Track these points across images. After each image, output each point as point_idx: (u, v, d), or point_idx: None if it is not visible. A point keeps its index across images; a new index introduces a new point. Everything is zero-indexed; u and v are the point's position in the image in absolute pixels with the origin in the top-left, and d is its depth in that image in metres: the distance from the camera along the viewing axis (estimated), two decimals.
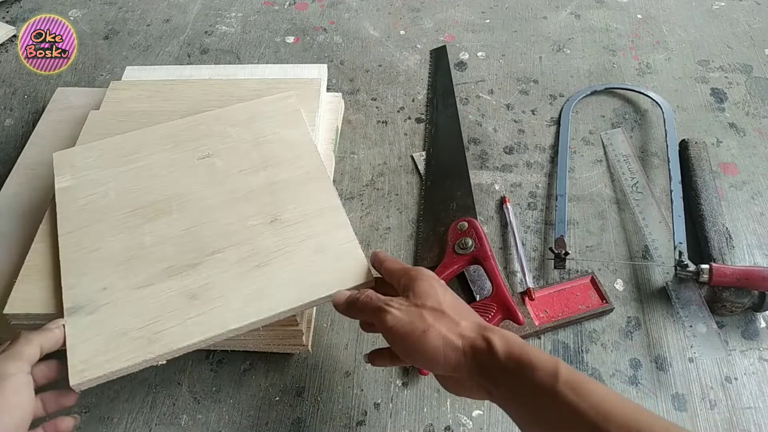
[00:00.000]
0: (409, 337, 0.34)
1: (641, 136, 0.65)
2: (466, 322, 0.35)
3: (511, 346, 0.33)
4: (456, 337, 0.34)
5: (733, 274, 0.48)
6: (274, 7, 0.83)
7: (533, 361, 0.31)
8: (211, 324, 0.39)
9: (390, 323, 0.35)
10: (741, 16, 0.80)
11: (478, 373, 0.33)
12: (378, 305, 0.36)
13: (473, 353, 0.33)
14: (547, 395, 0.30)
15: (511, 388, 0.32)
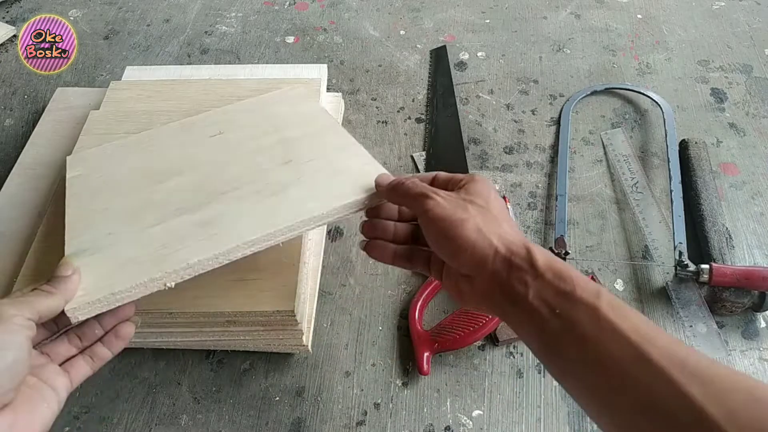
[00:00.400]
0: (444, 221, 0.33)
1: (641, 136, 0.65)
2: (508, 227, 0.33)
3: (551, 258, 0.31)
4: (494, 235, 0.32)
5: (733, 274, 0.48)
6: (274, 7, 0.83)
7: (574, 277, 0.29)
8: (225, 239, 0.36)
9: (429, 206, 0.34)
10: (741, 16, 0.80)
11: (506, 276, 0.31)
12: (423, 191, 0.35)
13: (507, 255, 0.31)
14: (586, 310, 0.28)
15: (543, 297, 0.29)
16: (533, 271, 0.30)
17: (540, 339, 0.30)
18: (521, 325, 0.31)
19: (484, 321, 0.47)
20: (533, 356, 0.49)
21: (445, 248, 0.34)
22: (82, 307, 0.33)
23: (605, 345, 0.27)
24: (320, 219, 0.38)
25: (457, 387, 0.47)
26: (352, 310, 0.52)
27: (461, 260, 0.33)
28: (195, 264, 0.35)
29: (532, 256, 0.31)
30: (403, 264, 0.39)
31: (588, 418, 0.45)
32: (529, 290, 0.30)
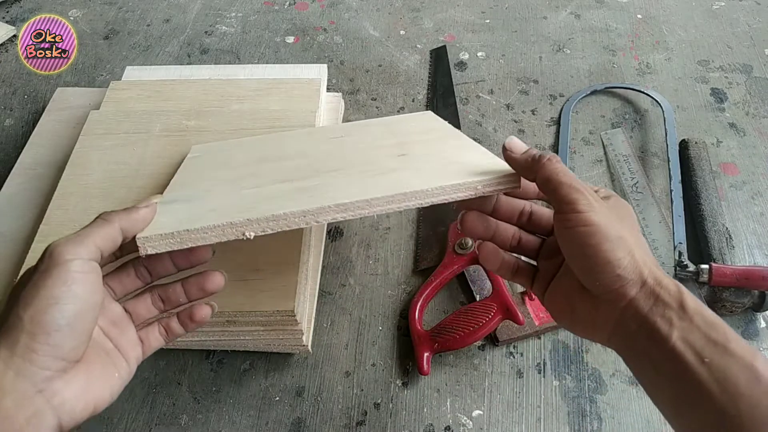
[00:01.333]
0: (599, 230, 0.29)
1: (641, 136, 0.65)
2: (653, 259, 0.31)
3: (701, 303, 0.28)
4: (644, 263, 0.29)
5: (733, 274, 0.48)
6: (274, 7, 0.83)
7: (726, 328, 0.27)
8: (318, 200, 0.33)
9: (584, 207, 0.29)
10: (741, 16, 0.80)
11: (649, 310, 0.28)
12: (576, 184, 0.30)
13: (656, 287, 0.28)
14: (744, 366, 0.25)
15: (690, 341, 0.27)
16: (682, 312, 0.28)
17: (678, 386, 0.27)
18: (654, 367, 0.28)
19: (484, 321, 0.47)
20: (533, 356, 0.49)
21: (587, 262, 0.30)
22: (153, 239, 0.31)
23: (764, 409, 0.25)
24: (422, 195, 0.33)
25: (457, 387, 0.47)
26: (352, 310, 0.52)
27: (601, 280, 0.29)
28: (280, 216, 0.32)
29: (683, 296, 0.28)
30: (506, 274, 0.36)
31: (588, 418, 0.45)
32: (673, 330, 0.27)
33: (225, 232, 0.32)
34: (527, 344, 0.49)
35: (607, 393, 0.47)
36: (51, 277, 0.27)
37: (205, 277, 0.35)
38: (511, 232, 0.36)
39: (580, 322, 0.32)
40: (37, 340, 0.26)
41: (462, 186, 0.33)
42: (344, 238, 0.57)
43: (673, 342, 0.27)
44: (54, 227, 0.47)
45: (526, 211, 0.37)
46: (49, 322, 0.26)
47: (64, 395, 0.27)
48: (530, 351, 0.49)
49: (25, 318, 0.26)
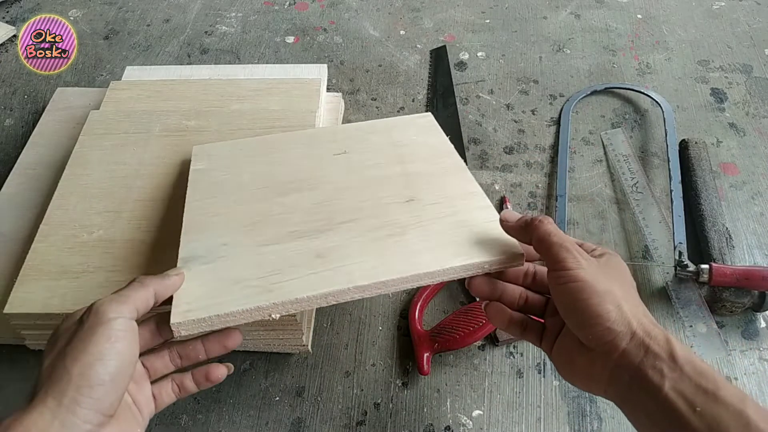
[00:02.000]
0: (587, 287, 0.31)
1: (641, 136, 0.65)
2: (644, 311, 0.32)
3: (691, 352, 0.29)
4: (633, 316, 0.30)
5: (733, 274, 0.48)
6: (274, 7, 0.83)
7: (716, 376, 0.28)
8: (337, 279, 0.35)
9: (572, 265, 0.32)
10: (741, 16, 0.80)
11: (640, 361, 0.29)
12: (566, 244, 0.33)
13: (645, 339, 0.30)
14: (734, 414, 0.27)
15: (681, 391, 0.28)
16: (672, 362, 0.29)
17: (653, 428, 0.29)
18: (648, 417, 0.29)
19: (484, 321, 0.47)
20: (533, 356, 0.49)
21: (579, 316, 0.31)
22: (186, 324, 0.33)
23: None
24: (436, 275, 0.36)
25: (457, 387, 0.47)
26: (352, 310, 0.52)
27: (593, 333, 0.31)
28: (303, 300, 0.34)
29: (672, 346, 0.29)
30: (514, 331, 0.37)
31: (588, 418, 0.45)
32: (665, 381, 0.28)
33: (253, 315, 0.34)
34: (527, 344, 0.49)
35: None
36: (96, 334, 0.29)
37: (227, 335, 0.36)
38: (518, 293, 0.38)
39: (579, 375, 0.33)
40: (82, 393, 0.27)
41: (472, 266, 0.36)
42: None
43: (666, 392, 0.28)
44: (54, 227, 0.47)
45: (530, 272, 0.39)
46: (95, 376, 0.28)
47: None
48: (530, 351, 0.49)
49: (74, 372, 0.28)
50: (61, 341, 0.30)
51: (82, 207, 0.48)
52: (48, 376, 0.28)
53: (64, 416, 0.27)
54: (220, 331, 0.36)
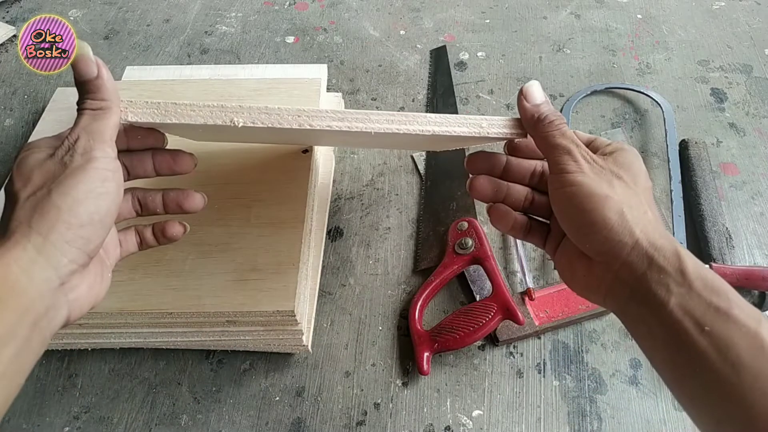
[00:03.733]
0: (583, 191, 0.29)
1: (641, 136, 0.65)
2: (653, 216, 0.29)
3: (702, 266, 0.27)
4: (637, 223, 0.28)
5: (733, 274, 0.48)
6: (274, 7, 0.83)
7: (729, 293, 0.25)
8: None
9: (571, 168, 0.29)
10: (741, 16, 0.80)
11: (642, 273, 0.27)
12: (568, 145, 0.30)
13: (650, 250, 0.27)
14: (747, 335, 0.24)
15: (688, 308, 0.25)
16: (680, 277, 0.26)
17: (675, 356, 0.26)
18: (650, 333, 0.27)
19: (484, 321, 0.47)
20: (533, 356, 0.49)
21: (575, 222, 0.29)
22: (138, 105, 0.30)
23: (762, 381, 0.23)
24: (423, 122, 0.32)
25: (457, 387, 0.47)
26: (352, 310, 0.52)
27: (590, 240, 0.29)
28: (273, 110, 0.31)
29: (681, 258, 0.26)
30: (518, 234, 0.35)
31: (588, 418, 0.45)
32: (671, 297, 0.26)
33: (213, 114, 0.30)
34: (527, 344, 0.49)
35: (607, 393, 0.47)
36: (86, 172, 0.27)
37: (186, 194, 0.35)
38: (524, 193, 0.35)
39: (578, 283, 0.31)
40: (72, 230, 0.26)
41: (466, 121, 0.32)
42: (344, 238, 0.57)
43: (670, 309, 0.26)
44: None
45: (537, 171, 0.36)
46: (85, 214, 0.26)
47: (79, 291, 0.28)
48: (530, 351, 0.49)
49: (63, 207, 0.26)
50: (37, 177, 0.27)
51: None
52: (31, 209, 0.26)
53: (50, 252, 0.25)
54: (181, 191, 0.35)
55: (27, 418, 0.46)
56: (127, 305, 0.40)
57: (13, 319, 0.24)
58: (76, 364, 0.48)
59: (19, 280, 0.25)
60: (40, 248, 0.25)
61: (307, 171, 0.50)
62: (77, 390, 0.47)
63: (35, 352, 0.26)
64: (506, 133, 0.33)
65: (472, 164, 0.37)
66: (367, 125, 0.32)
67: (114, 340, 0.47)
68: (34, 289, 0.25)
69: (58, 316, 0.27)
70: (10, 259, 0.25)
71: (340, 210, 0.59)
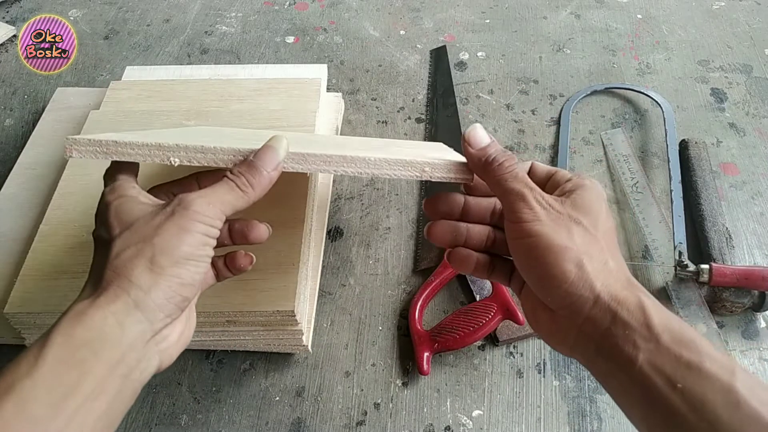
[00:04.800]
0: (539, 241, 0.27)
1: (641, 136, 0.65)
2: (615, 264, 0.28)
3: (669, 316, 0.25)
4: (597, 276, 0.26)
5: (733, 274, 0.48)
6: (274, 7, 0.83)
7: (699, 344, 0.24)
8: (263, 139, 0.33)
9: (526, 216, 0.28)
10: (741, 16, 0.80)
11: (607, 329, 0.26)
12: (521, 189, 0.29)
13: (612, 305, 0.26)
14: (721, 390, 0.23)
15: (657, 365, 0.24)
16: (646, 332, 0.25)
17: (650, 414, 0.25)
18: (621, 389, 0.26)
19: (484, 321, 0.47)
20: (533, 356, 0.49)
21: (533, 273, 0.28)
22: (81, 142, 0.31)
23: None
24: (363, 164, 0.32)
25: (457, 387, 0.47)
26: (352, 310, 0.52)
27: (551, 294, 0.28)
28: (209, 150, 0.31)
29: (646, 311, 0.25)
30: (482, 274, 0.34)
31: (588, 418, 0.45)
32: (639, 353, 0.24)
33: (152, 153, 0.31)
34: (527, 344, 0.49)
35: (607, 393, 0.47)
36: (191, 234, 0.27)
37: (251, 225, 0.34)
38: (485, 233, 0.34)
39: (543, 331, 0.30)
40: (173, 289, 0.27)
41: (408, 164, 0.32)
42: (344, 238, 0.57)
43: (639, 365, 0.25)
44: (54, 227, 0.47)
45: (497, 209, 0.35)
46: (188, 277, 0.27)
47: (170, 339, 0.29)
48: (530, 351, 0.49)
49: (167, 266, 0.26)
50: (140, 227, 0.28)
51: (82, 207, 0.48)
52: (131, 262, 0.26)
53: (148, 308, 0.26)
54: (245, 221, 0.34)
55: None
56: None
57: (104, 372, 0.25)
58: None
59: (113, 332, 0.25)
60: (139, 303, 0.26)
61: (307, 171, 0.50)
62: None
63: (126, 403, 0.27)
64: (452, 178, 0.33)
65: (429, 207, 0.36)
66: (303, 166, 0.32)
67: None
68: (127, 342, 0.26)
69: (149, 367, 0.27)
70: (107, 311, 0.25)
71: (340, 210, 0.59)
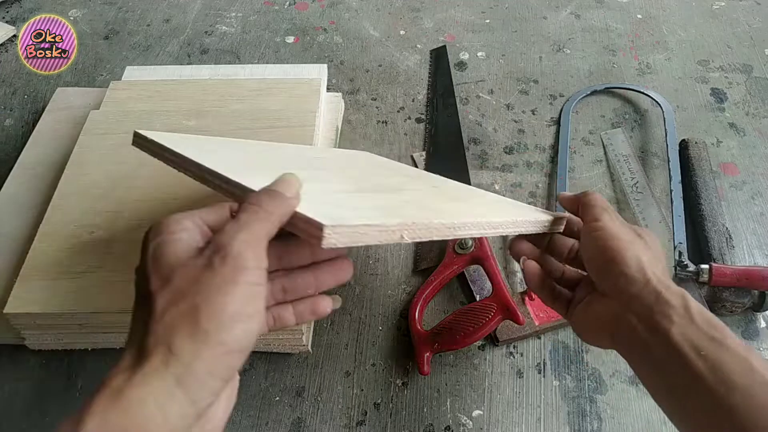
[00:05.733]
0: (612, 235, 0.34)
1: (641, 136, 0.65)
2: (664, 269, 0.34)
3: (704, 308, 0.30)
4: (650, 269, 0.32)
5: (733, 274, 0.48)
6: (274, 7, 0.83)
7: (726, 329, 0.29)
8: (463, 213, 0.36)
9: (605, 218, 0.35)
10: (741, 16, 0.80)
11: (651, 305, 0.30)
12: (606, 205, 0.37)
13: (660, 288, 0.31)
14: (738, 359, 0.27)
15: (688, 336, 0.28)
16: (684, 311, 0.29)
17: (675, 377, 0.29)
18: (653, 359, 0.30)
19: (484, 321, 0.47)
20: (533, 356, 0.49)
21: (599, 258, 0.34)
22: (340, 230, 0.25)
23: (758, 398, 0.26)
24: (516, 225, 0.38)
25: (457, 387, 0.47)
26: (352, 310, 0.52)
27: (609, 275, 0.33)
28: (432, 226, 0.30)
29: (686, 299, 0.30)
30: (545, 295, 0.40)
31: (588, 418, 0.45)
32: (673, 325, 0.29)
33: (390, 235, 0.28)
34: (527, 344, 0.49)
35: (607, 393, 0.47)
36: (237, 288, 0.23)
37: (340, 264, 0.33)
38: (558, 266, 0.41)
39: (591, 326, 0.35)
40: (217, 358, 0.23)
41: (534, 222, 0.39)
42: None
43: (672, 335, 0.29)
44: (54, 227, 0.47)
45: (574, 248, 0.41)
46: (234, 342, 0.23)
47: (215, 418, 0.25)
48: (530, 351, 0.49)
49: (211, 331, 0.22)
50: (179, 279, 0.24)
51: (82, 207, 0.48)
52: (171, 326, 0.23)
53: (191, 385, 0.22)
54: (332, 261, 0.32)
55: (27, 418, 0.45)
56: (128, 305, 0.39)
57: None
58: (76, 364, 0.48)
59: (153, 418, 0.21)
60: (181, 379, 0.22)
61: None
62: (77, 390, 0.47)
63: None
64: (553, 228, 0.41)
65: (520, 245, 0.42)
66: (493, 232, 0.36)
67: (114, 340, 0.47)
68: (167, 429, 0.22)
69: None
70: (146, 392, 0.21)
71: None
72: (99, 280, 0.43)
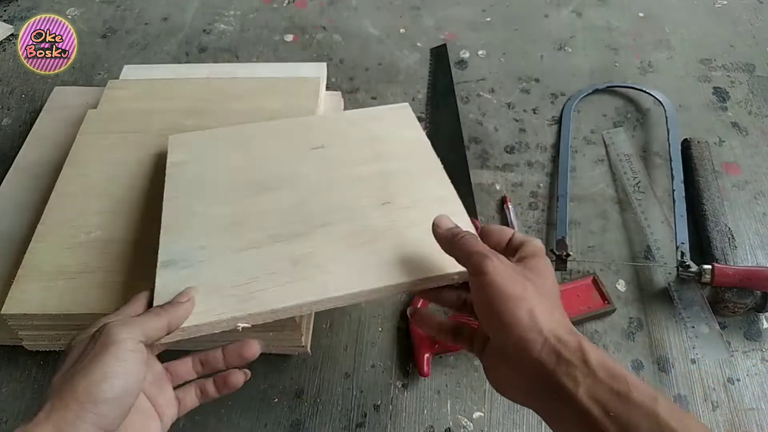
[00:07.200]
0: (499, 291, 0.32)
1: (643, 136, 0.65)
2: (560, 315, 0.33)
3: (603, 355, 0.30)
4: (545, 322, 0.31)
5: (736, 274, 0.48)
6: (273, 6, 0.83)
7: (628, 377, 0.29)
8: (312, 289, 0.37)
9: (488, 269, 0.32)
10: (743, 14, 0.79)
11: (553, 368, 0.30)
12: (483, 250, 0.34)
13: (557, 346, 0.30)
14: (645, 415, 0.27)
15: (595, 396, 0.28)
16: (585, 368, 0.29)
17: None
18: (566, 425, 0.30)
19: None
20: None
21: (492, 320, 0.32)
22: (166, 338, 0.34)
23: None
24: (404, 287, 0.38)
25: (458, 388, 0.47)
26: (352, 311, 0.51)
27: (506, 338, 0.32)
28: (279, 310, 0.36)
29: (584, 350, 0.30)
30: (446, 337, 0.39)
31: None
32: (579, 387, 0.29)
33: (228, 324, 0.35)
34: None
35: None
36: (105, 353, 0.30)
37: (244, 345, 0.37)
38: (456, 294, 0.39)
39: (503, 384, 0.34)
40: (85, 408, 0.28)
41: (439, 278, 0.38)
42: None
43: (579, 398, 0.29)
44: (51, 227, 0.47)
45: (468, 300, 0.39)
46: (99, 394, 0.29)
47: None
48: None
49: (79, 389, 0.29)
50: (71, 356, 0.31)
51: (80, 207, 0.48)
52: (56, 390, 0.29)
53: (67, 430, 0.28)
54: (240, 342, 0.37)
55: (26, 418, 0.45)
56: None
57: None
58: None
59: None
60: (59, 427, 0.28)
61: None
62: None
63: None
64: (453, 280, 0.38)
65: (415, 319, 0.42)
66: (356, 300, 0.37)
67: None
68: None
69: None
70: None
71: None
72: (96, 280, 0.43)
